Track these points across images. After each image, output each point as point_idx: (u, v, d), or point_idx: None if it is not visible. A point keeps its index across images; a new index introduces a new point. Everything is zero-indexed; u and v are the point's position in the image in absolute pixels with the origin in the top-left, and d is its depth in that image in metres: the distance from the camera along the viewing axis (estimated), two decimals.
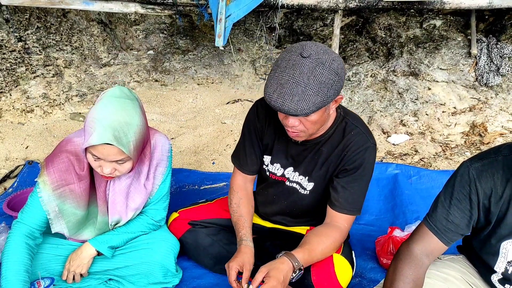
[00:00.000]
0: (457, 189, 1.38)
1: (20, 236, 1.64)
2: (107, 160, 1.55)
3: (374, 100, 3.59)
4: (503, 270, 1.43)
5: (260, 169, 1.92)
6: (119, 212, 1.79)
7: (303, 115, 1.44)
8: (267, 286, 1.48)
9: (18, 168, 2.92)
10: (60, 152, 1.66)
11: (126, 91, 1.62)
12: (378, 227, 2.31)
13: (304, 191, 1.82)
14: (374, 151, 1.70)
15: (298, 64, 1.41)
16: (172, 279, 1.88)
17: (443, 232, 1.40)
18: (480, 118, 3.23)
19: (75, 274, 1.77)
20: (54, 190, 1.64)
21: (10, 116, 3.46)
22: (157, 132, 1.86)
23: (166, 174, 1.85)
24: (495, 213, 1.35)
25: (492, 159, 1.35)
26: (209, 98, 4.05)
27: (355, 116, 1.75)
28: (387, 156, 2.99)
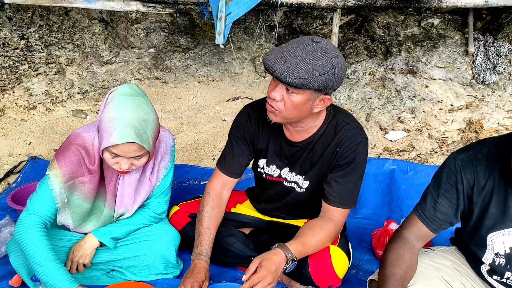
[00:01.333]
0: (445, 179, 1.45)
1: (36, 226, 1.64)
2: (126, 156, 1.61)
3: (372, 97, 3.64)
4: (491, 261, 1.48)
5: (257, 174, 1.97)
6: (125, 205, 1.85)
7: (286, 83, 1.51)
8: (258, 275, 1.53)
9: (21, 164, 2.97)
10: (70, 145, 1.70)
11: (136, 88, 1.69)
12: (375, 221, 2.36)
13: (300, 189, 1.87)
14: (366, 145, 1.74)
15: (305, 43, 1.52)
16: (173, 270, 1.93)
17: (431, 220, 1.48)
18: (477, 115, 3.28)
19: (78, 265, 1.82)
20: (65, 182, 1.67)
21: (13, 113, 3.51)
22: (161, 127, 1.90)
23: (169, 168, 1.90)
24: (477, 203, 1.41)
25: (477, 151, 1.41)
26: (210, 95, 4.10)
27: (346, 112, 1.80)
28: (385, 152, 3.04)
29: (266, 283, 1.54)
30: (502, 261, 1.45)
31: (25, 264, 1.78)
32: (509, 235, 1.40)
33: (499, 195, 1.39)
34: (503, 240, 1.42)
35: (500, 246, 1.44)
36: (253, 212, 2.10)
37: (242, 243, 1.99)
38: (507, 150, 1.32)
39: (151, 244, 1.89)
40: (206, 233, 1.83)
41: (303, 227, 1.75)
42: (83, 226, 1.84)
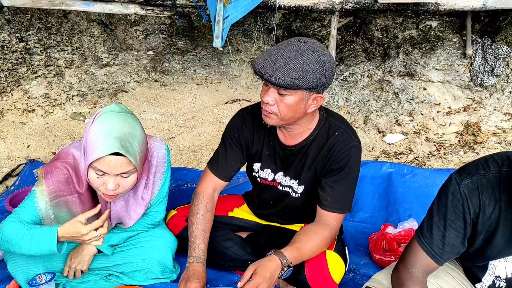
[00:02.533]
0: (450, 209, 1.35)
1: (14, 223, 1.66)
2: (112, 173, 1.55)
3: (370, 100, 3.64)
4: (491, 283, 1.46)
5: (252, 178, 1.97)
6: (121, 220, 1.85)
7: (276, 84, 1.52)
8: (253, 282, 1.54)
9: (19, 167, 2.97)
10: (59, 163, 1.67)
11: (123, 107, 1.67)
12: (372, 224, 2.37)
13: (295, 194, 1.87)
14: (358, 149, 1.74)
15: (292, 44, 1.54)
16: (170, 275, 1.94)
17: (440, 255, 1.39)
18: (474, 118, 3.29)
19: (76, 271, 1.82)
20: (51, 200, 1.66)
21: (11, 116, 3.52)
22: (151, 137, 1.87)
23: (164, 178, 1.87)
24: (481, 232, 1.34)
25: (481, 176, 1.32)
26: (208, 98, 4.10)
27: (338, 116, 1.80)
28: (382, 155, 3.04)
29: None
30: (502, 284, 1.43)
31: (23, 270, 1.79)
32: None
33: (505, 225, 1.33)
34: (506, 266, 1.40)
35: (502, 270, 1.41)
36: (250, 216, 2.10)
37: (239, 247, 1.99)
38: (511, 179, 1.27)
39: (148, 250, 1.89)
40: (202, 236, 1.83)
41: (298, 232, 1.75)
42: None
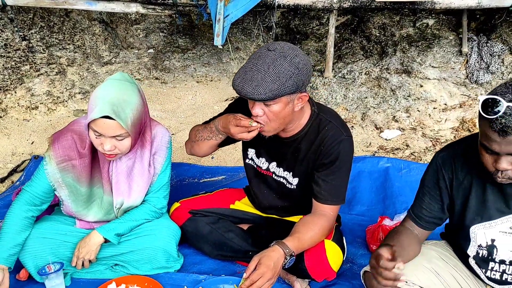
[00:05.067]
0: (428, 178, 1.56)
1: (21, 205, 1.86)
2: (107, 135, 1.70)
3: (368, 97, 3.71)
4: (475, 253, 1.56)
5: (245, 164, 2.03)
6: (122, 193, 1.93)
7: (260, 100, 1.56)
8: (258, 272, 1.59)
9: (24, 163, 3.03)
10: (66, 131, 1.85)
11: (127, 76, 1.80)
12: (369, 217, 2.43)
13: (291, 186, 1.93)
14: (348, 142, 1.78)
15: (263, 55, 1.57)
16: (174, 264, 2.00)
17: (419, 218, 1.59)
18: (470, 114, 3.36)
19: (84, 260, 1.89)
20: (57, 164, 1.82)
21: (15, 113, 3.58)
22: (159, 124, 1.99)
23: (165, 164, 1.97)
24: (457, 197, 1.50)
25: (455, 148, 1.51)
26: (208, 95, 4.17)
27: (330, 111, 1.85)
28: (380, 150, 3.11)
29: (265, 279, 1.60)
30: (484, 252, 1.53)
31: (32, 259, 1.85)
32: (490, 228, 1.49)
33: (478, 190, 1.47)
34: (485, 233, 1.50)
35: (482, 238, 1.51)
36: (251, 208, 2.16)
37: (241, 238, 2.06)
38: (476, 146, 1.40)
39: (152, 239, 1.95)
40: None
41: (297, 223, 1.81)
42: (86, 213, 1.92)
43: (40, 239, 1.87)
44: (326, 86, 3.90)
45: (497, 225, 1.48)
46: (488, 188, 1.45)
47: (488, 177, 1.40)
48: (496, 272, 1.56)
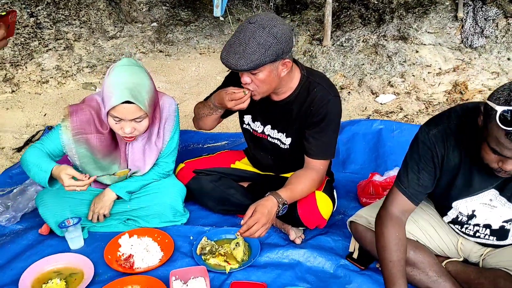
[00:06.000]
0: (422, 154, 1.57)
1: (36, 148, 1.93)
2: (127, 119, 1.82)
3: (365, 64, 3.83)
4: (454, 217, 1.71)
5: (243, 129, 2.20)
6: (137, 167, 2.10)
7: (243, 70, 1.72)
8: (253, 218, 1.77)
9: (38, 133, 3.22)
10: (84, 105, 1.95)
11: (132, 61, 1.92)
12: (362, 175, 2.60)
13: (284, 146, 2.09)
14: (336, 102, 1.93)
15: (244, 29, 1.71)
16: (180, 218, 2.19)
17: (415, 195, 1.61)
18: (463, 78, 3.47)
19: (99, 215, 2.09)
20: (73, 135, 1.92)
21: (27, 87, 3.75)
22: (164, 94, 2.13)
23: (173, 131, 2.12)
24: (445, 173, 1.58)
25: (446, 126, 1.54)
26: (211, 66, 4.30)
27: (318, 74, 2.00)
28: (374, 114, 3.25)
29: (260, 224, 1.78)
30: (464, 218, 1.68)
31: (53, 215, 2.05)
32: (472, 201, 1.61)
33: (465, 170, 1.56)
34: (467, 205, 1.64)
35: (463, 208, 1.65)
36: (250, 167, 2.34)
37: (241, 194, 2.24)
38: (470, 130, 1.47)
39: (160, 196, 2.14)
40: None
41: (290, 177, 1.99)
42: (100, 177, 2.09)
43: (59, 198, 2.06)
44: (325, 55, 4.02)
45: (479, 198, 1.60)
46: (474, 170, 1.54)
47: (481, 164, 1.45)
48: (470, 231, 1.71)
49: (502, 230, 1.65)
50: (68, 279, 1.85)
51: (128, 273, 1.86)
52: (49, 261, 1.91)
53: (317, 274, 1.90)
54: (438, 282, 1.72)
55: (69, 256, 1.96)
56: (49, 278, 1.83)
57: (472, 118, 1.46)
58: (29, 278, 1.83)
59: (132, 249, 1.97)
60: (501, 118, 1.25)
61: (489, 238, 1.70)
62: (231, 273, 1.87)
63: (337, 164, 2.69)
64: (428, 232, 1.83)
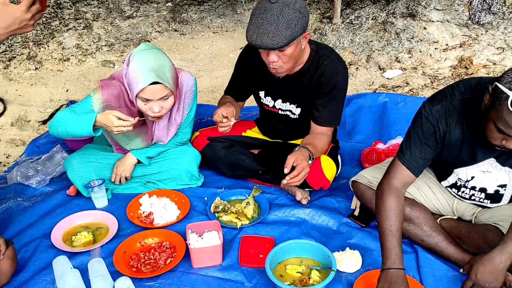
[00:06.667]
0: (425, 129, 1.65)
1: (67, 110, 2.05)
2: (155, 99, 1.97)
3: (374, 40, 3.93)
4: (453, 182, 1.84)
5: (259, 104, 2.35)
6: (161, 141, 2.30)
7: (279, 48, 1.82)
8: (301, 165, 1.88)
9: (62, 107, 3.41)
10: (115, 81, 2.09)
11: (150, 44, 2.08)
12: (366, 144, 2.73)
13: (294, 116, 2.25)
14: (344, 73, 2.08)
15: (268, 9, 1.81)
16: (196, 182, 2.37)
17: (417, 168, 1.69)
18: (468, 53, 3.56)
19: (121, 177, 2.27)
20: (103, 108, 2.07)
21: (50, 65, 3.94)
22: (182, 70, 2.28)
23: (191, 104, 2.29)
24: (447, 147, 1.67)
25: (448, 102, 1.61)
26: (224, 44, 4.44)
27: (326, 47, 2.13)
28: (381, 88, 3.37)
29: (307, 170, 1.91)
30: (462, 183, 1.81)
31: (80, 177, 2.24)
32: (472, 169, 1.73)
33: (467, 144, 1.66)
34: (467, 172, 1.76)
35: (463, 175, 1.78)
36: (260, 135, 2.50)
37: (252, 160, 2.40)
38: (473, 107, 1.56)
39: (177, 161, 2.32)
40: (227, 102, 2.22)
41: (306, 138, 2.11)
42: (122, 146, 2.27)
43: (85, 162, 2.25)
44: (335, 32, 4.13)
45: (479, 167, 1.72)
46: (477, 144, 1.63)
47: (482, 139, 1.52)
48: (466, 194, 1.85)
49: (496, 194, 1.78)
50: (95, 233, 2.04)
51: (148, 228, 2.04)
52: (78, 217, 2.11)
53: (321, 231, 2.06)
54: (432, 236, 1.87)
55: (95, 213, 2.15)
56: (78, 232, 2.03)
57: (475, 95, 1.56)
58: (60, 231, 2.03)
59: (152, 207, 2.16)
60: None
61: (484, 201, 1.83)
62: (242, 228, 2.04)
63: (343, 135, 2.83)
64: (425, 192, 1.97)
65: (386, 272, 1.59)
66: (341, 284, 1.77)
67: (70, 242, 1.98)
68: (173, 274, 1.81)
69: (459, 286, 1.72)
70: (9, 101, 3.46)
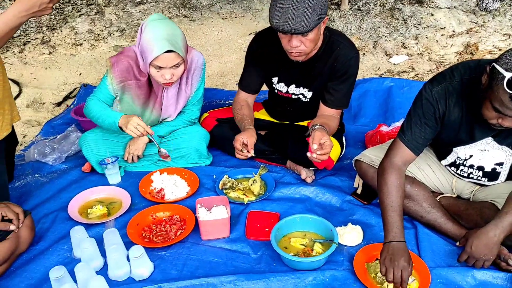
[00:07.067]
0: (425, 110, 1.71)
1: (94, 100, 2.28)
2: (167, 66, 2.08)
3: (381, 27, 3.97)
4: (453, 160, 1.91)
5: (271, 89, 2.40)
6: (169, 112, 2.39)
7: (306, 32, 1.88)
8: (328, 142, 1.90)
9: (75, 90, 3.51)
10: (123, 56, 2.22)
11: (161, 15, 2.19)
12: (371, 127, 2.80)
13: (305, 99, 2.32)
14: (357, 58, 2.15)
15: None
16: (205, 160, 2.46)
17: (417, 147, 1.76)
18: (475, 39, 3.60)
19: (134, 156, 2.37)
20: (117, 84, 2.21)
21: (63, 49, 4.04)
22: (193, 49, 2.39)
23: (200, 82, 2.38)
24: (446, 127, 1.74)
25: (448, 83, 1.67)
26: (233, 30, 4.51)
27: (339, 33, 2.19)
28: (387, 73, 3.43)
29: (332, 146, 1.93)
30: (461, 161, 1.88)
31: (94, 154, 2.34)
32: (471, 148, 1.80)
33: (466, 124, 1.72)
34: (465, 151, 1.83)
35: (462, 154, 1.85)
36: (267, 117, 2.58)
37: (260, 141, 2.45)
38: (471, 88, 1.62)
39: (187, 140, 2.41)
40: (244, 118, 2.25)
41: (319, 120, 2.13)
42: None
43: (100, 140, 2.36)
44: (342, 19, 4.17)
45: (477, 145, 1.79)
46: (475, 123, 1.69)
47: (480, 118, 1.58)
48: (464, 173, 1.92)
49: (493, 172, 1.85)
50: (109, 207, 2.15)
51: (160, 203, 2.14)
52: (93, 191, 2.22)
53: (325, 207, 2.15)
54: (431, 212, 1.95)
55: (109, 188, 2.26)
56: (93, 205, 2.13)
57: (474, 76, 1.62)
58: (76, 205, 2.14)
59: (163, 184, 2.26)
60: (509, 83, 1.37)
61: (481, 179, 1.90)
62: (248, 204, 2.14)
63: (349, 118, 2.90)
64: (425, 171, 2.04)
65: (388, 245, 1.67)
66: (343, 256, 1.86)
67: (85, 215, 2.09)
68: (183, 245, 1.91)
69: (455, 259, 1.80)
70: (24, 84, 3.57)
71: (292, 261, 1.77)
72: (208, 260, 1.84)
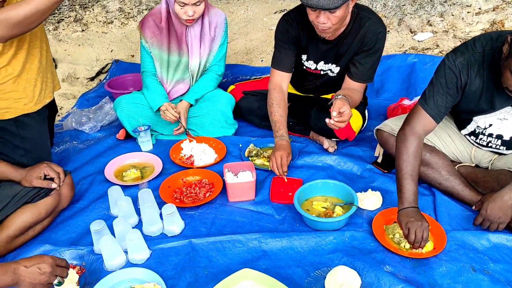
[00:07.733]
0: (448, 79, 1.77)
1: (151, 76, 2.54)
2: (190, 3, 2.31)
3: (406, 4, 3.98)
4: (472, 130, 1.97)
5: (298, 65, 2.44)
6: (195, 54, 2.55)
7: (334, 8, 1.90)
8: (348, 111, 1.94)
9: (107, 66, 3.67)
10: (147, 16, 2.52)
11: None
12: (393, 101, 2.86)
13: (333, 74, 2.38)
14: (385, 33, 2.19)
15: None
16: (231, 127, 2.60)
17: (438, 115, 1.82)
18: (501, 16, 3.57)
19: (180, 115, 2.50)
20: (148, 42, 2.48)
21: (95, 27, 4.19)
22: (214, 7, 2.58)
23: (223, 38, 2.58)
24: (467, 97, 1.80)
25: (470, 55, 1.73)
26: (259, 9, 4.57)
27: (367, 8, 2.23)
28: (410, 50, 3.45)
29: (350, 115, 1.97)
30: (480, 130, 1.94)
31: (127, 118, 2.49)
32: (490, 116, 1.86)
33: (487, 94, 1.78)
34: (485, 120, 1.89)
35: (482, 123, 1.91)
36: (292, 89, 2.66)
37: None
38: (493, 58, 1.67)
39: (214, 102, 2.55)
40: (281, 120, 2.24)
41: (342, 92, 2.15)
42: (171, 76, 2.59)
43: (133, 104, 2.52)
44: None
45: (497, 115, 1.85)
46: (495, 93, 1.75)
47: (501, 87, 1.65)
48: (484, 142, 1.98)
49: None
50: (142, 171, 2.30)
51: (189, 167, 2.28)
52: (127, 157, 2.37)
53: (346, 175, 2.25)
54: (449, 179, 2.02)
55: (142, 154, 2.41)
56: (127, 169, 2.28)
57: (495, 47, 1.67)
58: (112, 168, 2.29)
59: (192, 151, 2.39)
60: None
61: (500, 148, 1.96)
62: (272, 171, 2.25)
63: (371, 92, 2.96)
64: (445, 140, 2.11)
65: (407, 210, 1.75)
66: (362, 219, 1.95)
67: (121, 177, 2.24)
68: (212, 206, 2.04)
69: (471, 223, 1.87)
70: (59, 60, 3.74)
71: (313, 222, 1.87)
72: (235, 220, 1.97)
